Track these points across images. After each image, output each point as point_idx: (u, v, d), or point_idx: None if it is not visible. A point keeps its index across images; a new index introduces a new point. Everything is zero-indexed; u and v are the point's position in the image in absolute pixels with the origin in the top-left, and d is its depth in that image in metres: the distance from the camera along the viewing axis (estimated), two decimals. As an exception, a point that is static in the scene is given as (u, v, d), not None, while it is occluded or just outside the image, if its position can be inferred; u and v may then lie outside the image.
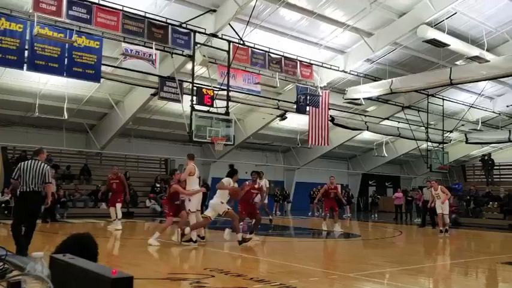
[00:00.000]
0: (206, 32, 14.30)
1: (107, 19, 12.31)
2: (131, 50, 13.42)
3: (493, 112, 24.76)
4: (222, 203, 9.55)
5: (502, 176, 27.03)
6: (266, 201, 15.72)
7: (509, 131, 22.60)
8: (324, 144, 19.80)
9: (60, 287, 1.95)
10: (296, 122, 22.15)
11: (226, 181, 9.61)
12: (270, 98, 18.58)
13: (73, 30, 12.26)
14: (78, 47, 12.48)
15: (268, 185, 16.53)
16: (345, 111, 22.08)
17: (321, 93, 18.41)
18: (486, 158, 23.89)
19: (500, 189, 20.99)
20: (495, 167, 24.85)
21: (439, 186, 14.74)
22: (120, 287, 1.67)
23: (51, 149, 17.38)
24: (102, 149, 20.27)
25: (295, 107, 17.87)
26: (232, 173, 9.86)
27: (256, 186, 10.93)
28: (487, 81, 19.29)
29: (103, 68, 13.43)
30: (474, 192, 21.08)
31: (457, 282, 7.54)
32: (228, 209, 9.58)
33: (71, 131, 19.52)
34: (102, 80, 14.18)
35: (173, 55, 14.35)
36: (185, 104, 14.52)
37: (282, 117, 19.74)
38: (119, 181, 12.99)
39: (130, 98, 18.07)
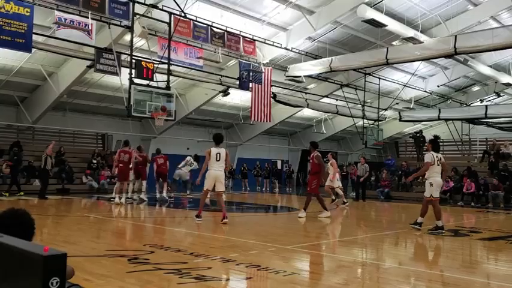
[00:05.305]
0: (146, 3, 13.79)
1: (37, -16, 11.55)
2: (65, 19, 12.72)
3: (425, 91, 26.11)
4: None
5: (431, 152, 28.57)
6: None
7: (439, 109, 23.87)
8: (266, 121, 20.02)
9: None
10: (239, 98, 22.14)
11: None
12: (212, 73, 18.39)
13: (-1, -5, 11.41)
14: (6, 13, 11.61)
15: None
16: (286, 88, 22.34)
17: (263, 70, 18.46)
18: (418, 135, 25.09)
19: (429, 165, 22.24)
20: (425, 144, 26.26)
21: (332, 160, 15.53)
22: (52, 265, 1.60)
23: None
24: (35, 123, 19.26)
25: (237, 83, 17.82)
26: None
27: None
28: (420, 61, 20.19)
29: (34, 37, 12.62)
30: (406, 167, 22.26)
31: (387, 251, 8.01)
32: None
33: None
34: (33, 50, 13.38)
35: (110, 26, 13.75)
36: (123, 77, 14.03)
37: (225, 93, 19.64)
38: None
39: (65, 69, 17.21)
